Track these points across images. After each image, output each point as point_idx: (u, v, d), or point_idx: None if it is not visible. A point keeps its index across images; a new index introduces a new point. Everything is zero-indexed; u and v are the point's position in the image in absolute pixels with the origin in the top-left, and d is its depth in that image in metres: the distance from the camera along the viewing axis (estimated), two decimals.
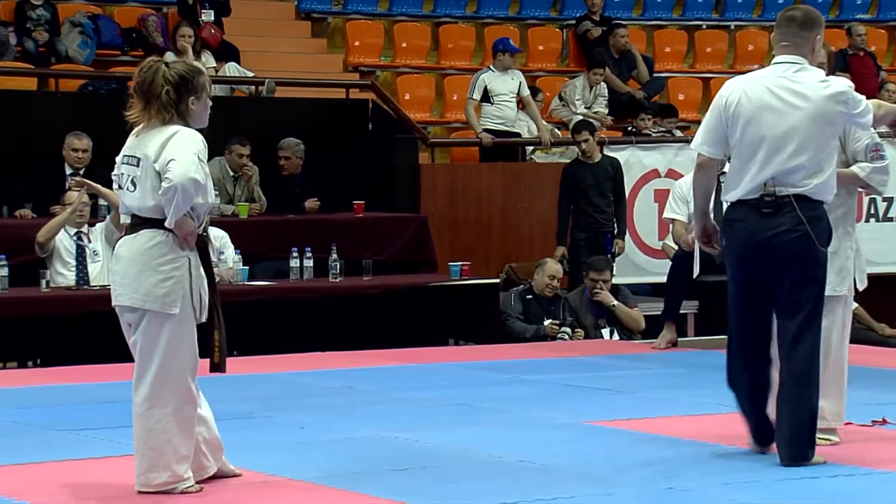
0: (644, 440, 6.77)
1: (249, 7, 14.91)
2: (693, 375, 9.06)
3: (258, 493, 5.68)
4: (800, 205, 6.00)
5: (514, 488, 5.65)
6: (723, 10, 17.38)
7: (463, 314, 11.14)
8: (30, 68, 12.98)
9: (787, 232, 6.00)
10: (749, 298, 6.19)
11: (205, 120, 5.68)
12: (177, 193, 5.37)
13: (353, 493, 5.64)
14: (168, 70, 5.55)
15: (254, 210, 11.63)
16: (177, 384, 5.54)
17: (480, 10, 16.33)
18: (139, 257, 5.55)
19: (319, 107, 12.96)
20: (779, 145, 6.03)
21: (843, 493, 5.70)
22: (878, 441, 6.65)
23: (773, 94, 6.10)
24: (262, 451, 6.44)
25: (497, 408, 7.75)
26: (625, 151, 13.03)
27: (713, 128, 6.21)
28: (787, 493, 5.66)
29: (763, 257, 6.07)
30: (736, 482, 5.82)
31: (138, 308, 5.53)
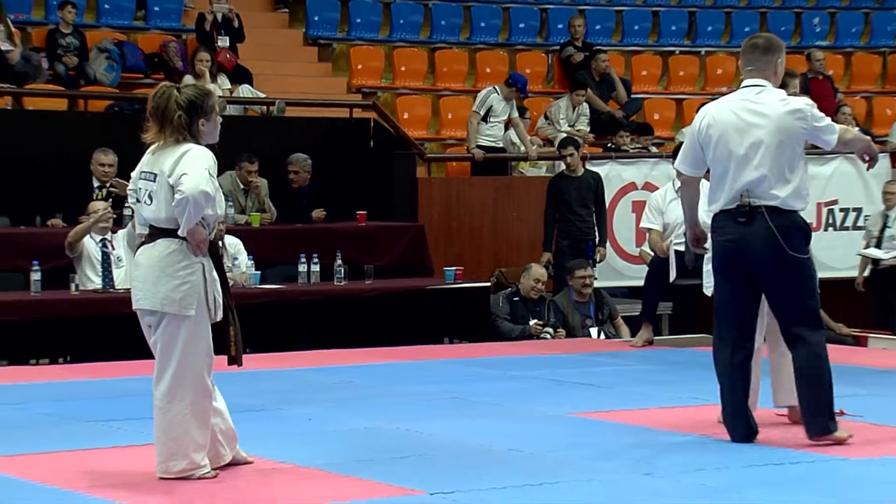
0: (624, 430, 6.77)
1: (261, 34, 14.92)
2: (668, 371, 9.06)
3: (269, 479, 5.68)
4: (770, 214, 6.13)
5: (504, 475, 5.66)
6: (694, 36, 17.40)
7: (457, 315, 11.13)
8: (61, 90, 13.00)
9: (761, 239, 6.14)
10: (735, 299, 6.30)
11: (215, 136, 5.71)
12: (188, 204, 5.42)
13: (356, 478, 5.64)
14: (179, 95, 5.58)
15: (265, 219, 11.63)
16: (194, 380, 5.55)
17: (473, 37, 16.34)
18: (157, 264, 5.57)
19: (325, 125, 12.98)
20: (745, 160, 6.17)
21: (803, 478, 5.71)
22: None
23: (736, 115, 6.26)
24: (273, 440, 6.43)
25: (488, 401, 7.75)
26: (605, 166, 13.06)
27: (690, 150, 6.42)
28: (752, 478, 5.66)
29: (741, 261, 6.20)
30: (708, 468, 5.82)
31: (157, 311, 5.56)
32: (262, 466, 5.90)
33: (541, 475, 5.64)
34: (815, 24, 17.86)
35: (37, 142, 11.58)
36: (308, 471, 5.80)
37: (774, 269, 6.17)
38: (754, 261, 6.18)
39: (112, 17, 14.61)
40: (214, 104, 5.67)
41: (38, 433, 6.70)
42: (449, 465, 5.90)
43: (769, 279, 6.21)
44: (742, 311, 6.29)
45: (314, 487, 5.52)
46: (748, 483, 5.58)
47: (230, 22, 14.05)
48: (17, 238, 10.69)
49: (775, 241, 6.12)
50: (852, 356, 9.53)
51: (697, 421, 6.84)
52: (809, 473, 5.78)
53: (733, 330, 6.29)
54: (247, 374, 7.93)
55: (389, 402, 7.67)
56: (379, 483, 5.53)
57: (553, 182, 12.22)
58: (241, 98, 13.34)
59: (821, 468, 5.88)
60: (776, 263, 6.15)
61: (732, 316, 6.30)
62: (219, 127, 5.69)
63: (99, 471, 5.80)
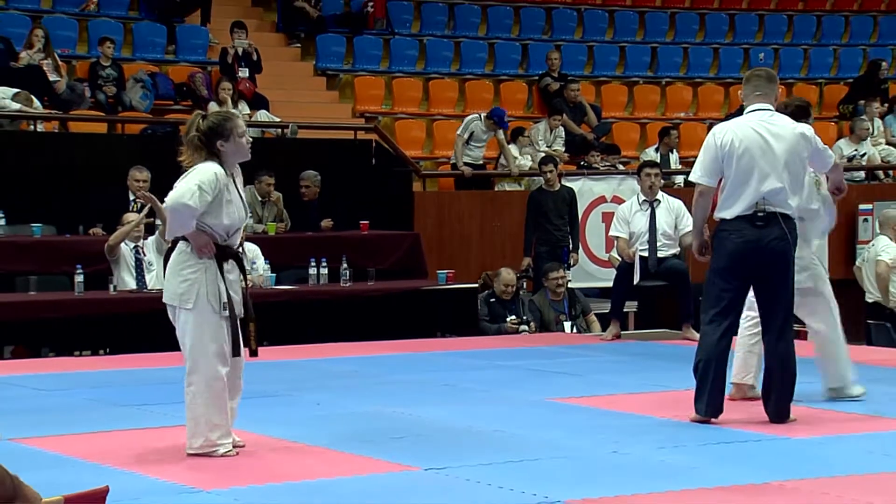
0: (595, 414, 6.76)
1: (277, 66, 14.92)
2: (634, 362, 9.05)
3: (281, 456, 5.66)
4: (783, 220, 6.24)
5: (490, 452, 5.64)
6: (656, 68, 17.41)
7: (448, 312, 11.12)
8: (101, 116, 12.98)
9: (776, 239, 6.22)
10: (737, 292, 6.31)
11: (243, 154, 5.68)
12: (169, 213, 5.51)
13: (359, 455, 5.61)
14: (202, 122, 5.61)
15: (280, 228, 11.62)
16: (205, 365, 5.53)
17: (462, 69, 16.33)
18: (171, 264, 5.63)
19: (333, 146, 12.97)
20: (765, 174, 6.22)
21: (752, 455, 5.69)
22: None
23: (758, 133, 6.30)
24: (286, 422, 6.41)
25: (476, 388, 7.73)
26: (578, 182, 13.06)
27: (711, 163, 6.37)
28: (707, 455, 5.65)
29: (756, 258, 6.23)
30: (668, 447, 5.80)
31: (168, 304, 5.60)
32: (276, 445, 5.88)
33: (522, 453, 5.62)
34: (760, 58, 17.87)
35: (80, 160, 11.58)
36: (316, 449, 5.78)
37: (781, 268, 6.25)
38: (768, 259, 6.22)
39: (146, 52, 14.60)
40: (234, 127, 5.62)
41: (80, 416, 6.69)
42: (441, 444, 5.88)
43: (775, 276, 6.25)
44: (739, 302, 6.33)
45: (321, 464, 5.49)
46: (703, 459, 5.57)
47: (250, 55, 14.05)
48: (63, 245, 10.67)
49: (786, 243, 6.22)
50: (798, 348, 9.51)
51: (660, 405, 6.83)
52: (758, 451, 5.77)
53: (729, 317, 6.30)
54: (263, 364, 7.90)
55: (389, 389, 7.65)
56: (379, 460, 5.51)
57: (533, 195, 12.21)
58: (259, 122, 13.33)
59: (767, 446, 5.86)
60: (784, 262, 6.24)
61: (731, 306, 6.30)
62: (245, 146, 5.66)
63: (135, 448, 5.78)
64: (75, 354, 9.66)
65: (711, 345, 6.27)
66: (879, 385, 7.57)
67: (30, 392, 7.59)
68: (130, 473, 5.23)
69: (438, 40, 16.42)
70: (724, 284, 6.30)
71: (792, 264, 6.29)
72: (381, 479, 5.19)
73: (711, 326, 6.30)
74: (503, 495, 4.88)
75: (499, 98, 15.94)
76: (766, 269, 6.24)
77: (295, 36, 15.73)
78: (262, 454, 5.70)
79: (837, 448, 5.82)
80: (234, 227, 5.66)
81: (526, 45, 16.79)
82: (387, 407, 6.91)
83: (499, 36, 16.91)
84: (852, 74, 17.80)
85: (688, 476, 5.22)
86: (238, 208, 5.66)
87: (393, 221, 12.39)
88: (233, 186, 5.63)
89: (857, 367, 7.21)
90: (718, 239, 6.36)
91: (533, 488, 4.93)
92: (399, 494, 4.93)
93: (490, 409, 6.88)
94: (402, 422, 6.50)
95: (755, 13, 18.71)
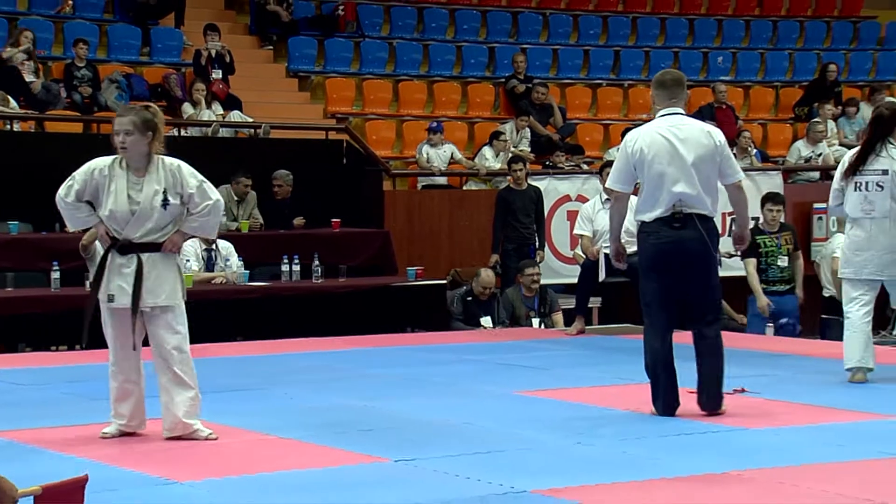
0: (560, 406, 6.78)
1: (250, 67, 14.87)
2: (598, 356, 9.08)
3: (255, 448, 5.65)
4: (700, 221, 6.23)
5: (458, 444, 5.65)
6: (618, 71, 17.47)
7: (417, 308, 11.12)
8: (77, 116, 12.89)
9: (693, 240, 6.23)
10: (664, 289, 6.31)
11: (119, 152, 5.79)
12: None
13: (331, 447, 5.61)
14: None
15: (253, 226, 11.58)
16: (109, 353, 5.81)
17: (431, 71, 16.33)
18: None
19: (304, 145, 12.93)
20: (675, 179, 6.22)
21: (710, 445, 5.72)
22: (738, 405, 6.68)
23: (665, 139, 6.28)
24: (259, 415, 6.39)
25: (444, 381, 7.74)
26: (544, 181, 13.07)
27: (623, 170, 6.40)
28: (667, 445, 5.68)
29: (676, 258, 6.25)
30: (629, 438, 5.83)
31: None
32: (250, 438, 5.86)
33: (490, 444, 5.64)
34: (719, 62, 17.97)
35: (56, 160, 11.37)
36: (289, 441, 5.77)
37: (701, 266, 6.27)
38: (686, 258, 6.23)
39: (121, 53, 14.52)
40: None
41: (57, 409, 6.66)
42: (410, 436, 5.88)
43: (696, 274, 6.27)
44: (669, 300, 6.32)
45: (294, 456, 5.49)
46: (663, 450, 5.59)
47: (223, 57, 14.01)
48: (40, 242, 10.60)
49: (704, 242, 6.22)
50: (750, 342, 9.59)
51: (623, 398, 6.85)
52: (716, 442, 5.80)
53: (664, 319, 6.32)
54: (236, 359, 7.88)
55: (360, 383, 7.64)
56: (350, 452, 5.51)
57: (501, 194, 12.23)
58: (232, 122, 13.28)
59: (725, 437, 5.90)
60: (702, 260, 6.25)
61: (663, 307, 6.31)
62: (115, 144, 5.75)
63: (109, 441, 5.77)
64: (52, 349, 9.59)
65: (655, 348, 6.31)
66: (832, 378, 7.64)
67: (7, 386, 7.54)
68: (106, 466, 5.20)
69: (407, 43, 16.42)
70: (652, 284, 6.34)
71: (712, 261, 6.30)
72: (352, 471, 5.19)
73: (651, 328, 6.35)
74: (471, 486, 4.89)
75: (466, 100, 15.96)
76: (687, 267, 6.25)
77: (267, 38, 15.68)
78: (237, 446, 5.69)
79: (792, 439, 5.86)
80: (117, 219, 5.64)
81: (493, 48, 16.81)
82: (358, 400, 6.91)
83: (466, 39, 16.93)
84: (807, 78, 17.92)
85: (649, 466, 5.25)
86: (120, 201, 5.63)
87: (364, 219, 12.38)
88: (124, 180, 5.65)
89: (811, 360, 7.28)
90: (640, 241, 6.40)
91: (500, 479, 4.94)
92: (369, 485, 4.93)
93: (458, 402, 6.89)
94: (372, 415, 6.50)
95: (714, 18, 18.81)
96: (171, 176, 5.68)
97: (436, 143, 13.81)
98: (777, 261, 10.40)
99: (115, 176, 5.66)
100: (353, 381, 7.71)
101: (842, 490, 4.81)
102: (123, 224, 5.66)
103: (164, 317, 5.68)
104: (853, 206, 7.54)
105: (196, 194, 5.68)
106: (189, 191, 5.67)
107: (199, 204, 5.70)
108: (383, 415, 6.49)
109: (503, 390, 7.30)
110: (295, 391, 7.29)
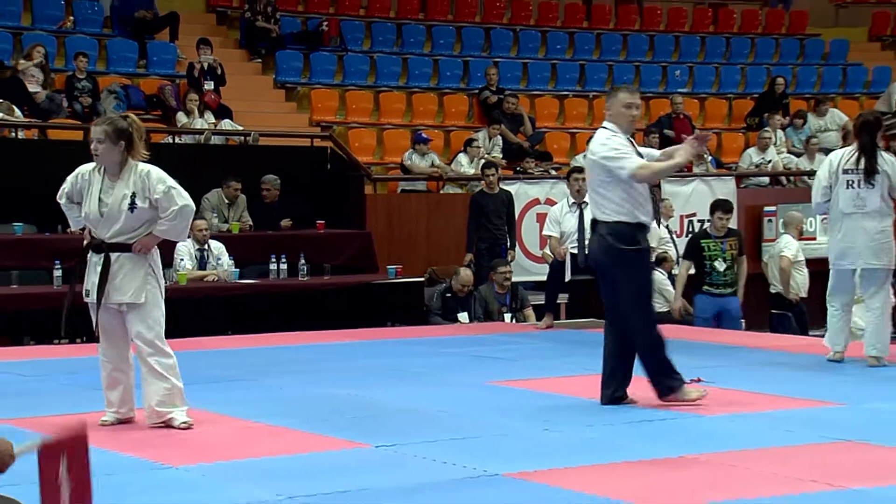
0: (529, 395, 6.78)
1: (240, 79, 14.81)
2: (565, 349, 9.09)
3: (245, 435, 5.64)
4: (601, 225, 6.21)
5: (435, 431, 5.64)
6: (584, 84, 17.48)
7: (397, 304, 11.11)
8: (78, 124, 12.78)
9: (595, 243, 6.28)
10: (602, 288, 6.35)
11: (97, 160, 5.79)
12: None
13: (316, 434, 5.60)
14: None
15: (243, 228, 11.54)
16: None
17: (409, 83, 16.30)
18: None
19: (291, 152, 12.89)
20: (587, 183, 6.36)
21: (669, 431, 5.73)
22: None
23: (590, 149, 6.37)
24: (249, 404, 6.37)
25: (422, 372, 7.73)
26: (515, 185, 13.08)
27: None
28: (630, 432, 5.69)
29: (592, 259, 6.36)
30: (595, 425, 5.84)
31: None
32: (240, 425, 5.84)
33: (464, 431, 5.63)
34: (677, 75, 18.02)
35: (58, 165, 11.18)
36: (276, 429, 5.75)
37: (605, 269, 6.23)
38: (594, 260, 6.30)
39: (119, 65, 14.43)
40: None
41: (59, 399, 6.62)
42: (390, 423, 5.87)
43: (605, 274, 6.25)
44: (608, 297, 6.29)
45: (281, 442, 5.47)
46: (625, 436, 5.61)
47: (214, 70, 13.94)
48: (43, 242, 10.53)
49: (602, 247, 6.18)
50: (707, 335, 9.62)
51: (588, 387, 6.84)
52: (674, 428, 5.81)
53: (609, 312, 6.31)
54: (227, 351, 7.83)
55: (343, 374, 7.62)
56: (334, 438, 5.49)
57: (475, 198, 12.23)
58: (224, 130, 13.22)
59: (682, 424, 5.91)
60: (604, 263, 6.22)
61: (606, 301, 6.31)
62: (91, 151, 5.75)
63: (107, 428, 5.75)
64: (54, 343, 9.52)
65: (605, 342, 6.32)
66: (781, 368, 7.68)
67: (13, 377, 7.49)
68: (105, 451, 5.17)
69: (387, 57, 16.39)
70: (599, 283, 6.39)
71: (613, 263, 6.15)
72: (335, 456, 5.17)
73: (605, 323, 6.37)
74: (447, 469, 4.88)
75: (442, 110, 15.95)
76: (599, 268, 6.28)
77: (256, 52, 15.62)
78: (227, 433, 5.67)
79: (744, 425, 5.87)
80: (91, 221, 5.71)
81: (467, 62, 16.80)
82: (341, 390, 6.89)
83: (442, 53, 16.91)
84: (757, 90, 18.01)
85: (612, 451, 5.26)
86: (92, 203, 5.69)
87: (346, 221, 12.35)
88: (98, 185, 5.67)
89: (761, 352, 7.30)
90: None
91: (473, 463, 4.94)
92: (352, 470, 4.92)
93: (435, 392, 6.88)
94: (354, 403, 6.48)
95: (672, 35, 18.88)
96: (141, 181, 5.67)
97: (423, 153, 13.84)
98: (715, 263, 10.27)
99: (93, 180, 5.73)
100: (336, 373, 7.69)
101: (790, 472, 4.83)
102: (95, 224, 5.73)
103: (135, 313, 5.69)
104: (846, 202, 7.58)
105: (163, 199, 5.65)
106: (156, 195, 5.64)
107: (166, 208, 5.67)
108: (365, 403, 6.48)
109: (477, 380, 7.30)
110: (282, 381, 7.27)
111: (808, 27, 19.93)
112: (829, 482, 4.66)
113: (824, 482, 4.66)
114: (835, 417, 6.06)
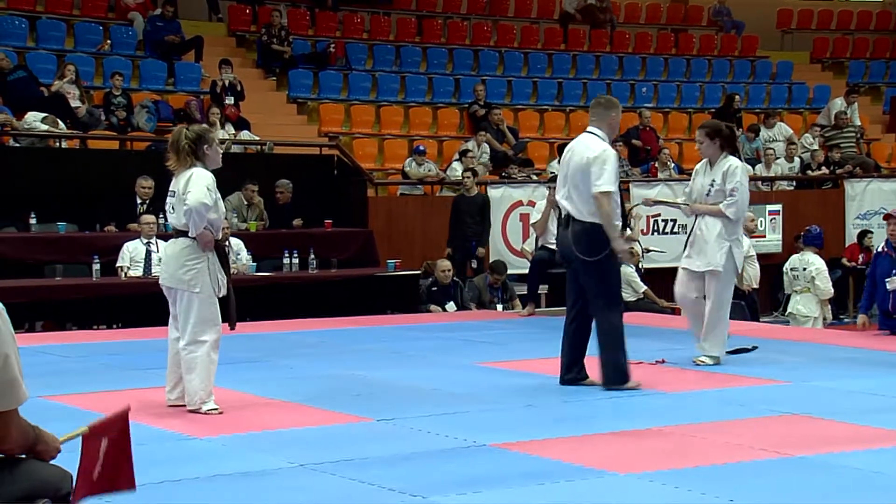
0: (514, 375, 6.78)
1: (257, 95, 14.77)
2: (546, 333, 9.00)
3: (260, 410, 5.62)
4: (573, 222, 6.15)
5: (430, 406, 5.64)
6: (562, 99, 17.47)
7: (396, 294, 11.09)
8: (114, 135, 12.77)
9: (566, 237, 6.20)
10: (571, 278, 6.30)
11: (218, 161, 5.59)
12: (192, 213, 5.38)
13: (324, 409, 5.59)
14: (188, 131, 5.52)
15: (260, 226, 11.51)
16: (208, 337, 5.46)
17: (407, 98, 16.28)
18: (175, 255, 5.52)
19: (302, 159, 12.86)
20: (561, 184, 6.25)
21: (638, 406, 5.75)
22: (660, 374, 6.71)
23: (570, 151, 6.28)
24: (264, 383, 6.36)
25: (418, 354, 7.72)
26: (500, 189, 13.09)
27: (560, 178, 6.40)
28: (603, 408, 5.70)
29: (563, 252, 6.31)
30: (572, 401, 5.84)
31: (172, 287, 5.52)
32: (256, 401, 5.83)
33: (455, 406, 5.63)
34: (643, 92, 18.03)
35: (97, 171, 11.38)
36: (288, 404, 5.74)
37: (575, 262, 6.14)
38: (565, 254, 6.24)
39: (150, 83, 14.40)
40: (213, 136, 5.61)
41: (97, 378, 6.60)
42: (390, 399, 5.86)
43: (574, 266, 6.17)
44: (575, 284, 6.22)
45: (293, 416, 5.46)
46: (599, 411, 5.61)
47: (235, 86, 13.92)
48: (84, 240, 10.50)
49: (572, 242, 6.11)
50: (671, 322, 9.63)
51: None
52: (641, 403, 5.83)
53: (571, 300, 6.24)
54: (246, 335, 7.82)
55: (348, 356, 7.61)
56: (340, 413, 5.49)
57: (455, 199, 12.27)
58: (242, 140, 13.20)
59: (648, 400, 5.92)
60: (577, 259, 6.12)
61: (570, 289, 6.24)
62: (219, 153, 5.59)
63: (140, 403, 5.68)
64: (94, 328, 9.50)
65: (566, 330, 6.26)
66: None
67: (56, 359, 7.46)
68: (137, 424, 5.13)
69: (387, 75, 16.37)
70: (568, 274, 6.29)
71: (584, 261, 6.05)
72: (341, 428, 5.17)
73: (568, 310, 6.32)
74: (440, 440, 4.88)
75: (436, 122, 15.93)
76: (570, 261, 6.18)
77: (271, 71, 15.60)
78: (245, 408, 5.65)
79: (702, 401, 5.88)
80: (221, 223, 5.60)
81: (458, 80, 16.78)
82: (346, 370, 6.88)
83: (436, 72, 16.89)
84: (714, 105, 18.00)
85: (587, 423, 5.26)
86: (222, 206, 5.61)
87: (351, 221, 12.33)
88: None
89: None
90: None
91: (464, 435, 4.94)
92: (356, 440, 4.91)
93: (429, 372, 6.87)
94: (358, 382, 6.47)
95: (639, 56, 18.89)
96: (185, 182, 5.62)
97: (421, 163, 13.83)
98: None
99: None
100: (342, 355, 7.67)
101: (742, 442, 4.83)
102: (220, 227, 5.60)
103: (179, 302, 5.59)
104: None
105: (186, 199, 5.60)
106: (182, 196, 5.59)
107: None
108: (367, 382, 6.46)
109: (467, 362, 7.29)
110: (294, 363, 7.25)
111: (758, 50, 19.98)
112: (776, 450, 4.67)
113: (773, 450, 4.66)
114: (782, 394, 6.07)
